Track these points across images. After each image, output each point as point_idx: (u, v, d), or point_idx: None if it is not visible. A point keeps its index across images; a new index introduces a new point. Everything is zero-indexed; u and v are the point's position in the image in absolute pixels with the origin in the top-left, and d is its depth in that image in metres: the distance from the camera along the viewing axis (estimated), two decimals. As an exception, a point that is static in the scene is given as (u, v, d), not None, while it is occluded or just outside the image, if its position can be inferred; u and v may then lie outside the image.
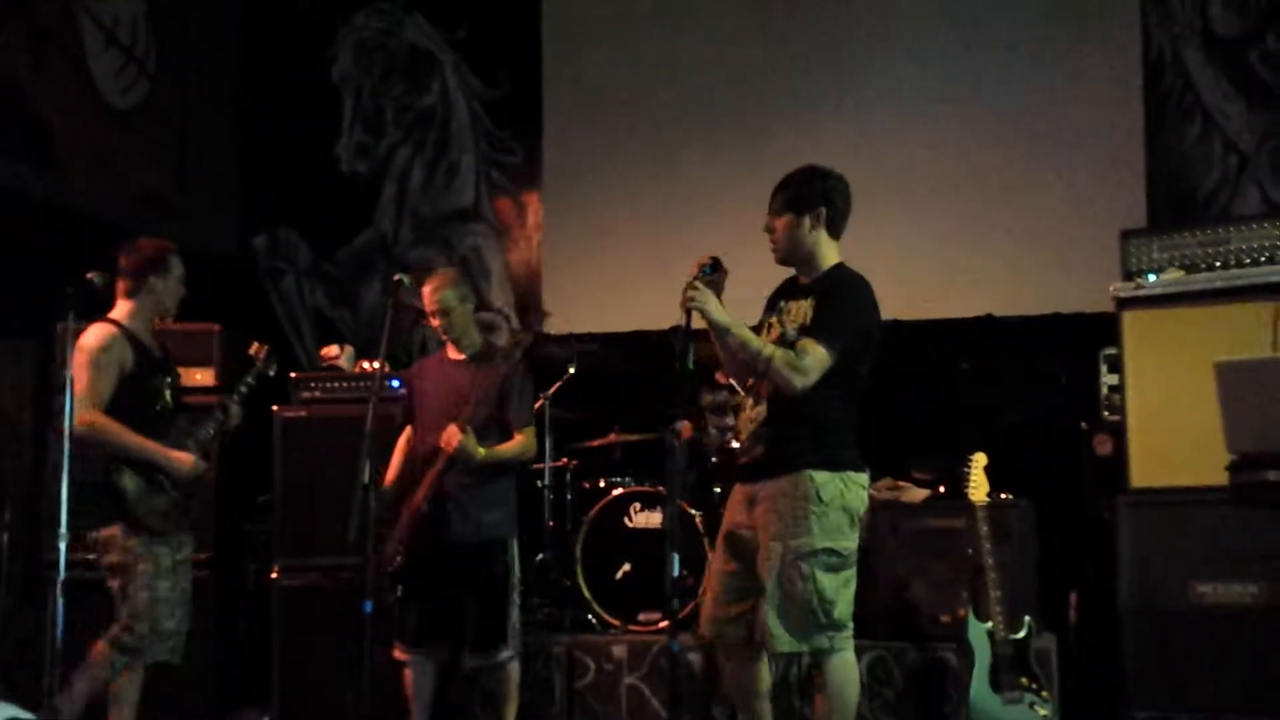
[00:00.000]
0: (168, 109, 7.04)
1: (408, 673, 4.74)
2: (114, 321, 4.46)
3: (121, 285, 4.50)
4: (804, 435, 3.78)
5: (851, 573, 3.81)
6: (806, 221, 3.91)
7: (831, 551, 3.74)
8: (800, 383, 3.72)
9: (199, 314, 5.09)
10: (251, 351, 4.71)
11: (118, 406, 4.36)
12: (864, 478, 3.87)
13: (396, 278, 4.53)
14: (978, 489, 4.72)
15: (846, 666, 3.82)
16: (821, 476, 3.74)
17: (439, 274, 4.89)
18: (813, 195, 3.92)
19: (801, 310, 3.89)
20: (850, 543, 3.79)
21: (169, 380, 4.55)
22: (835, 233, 3.96)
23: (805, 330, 3.81)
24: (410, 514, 4.64)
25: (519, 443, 4.76)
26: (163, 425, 4.45)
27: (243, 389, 4.62)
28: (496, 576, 4.70)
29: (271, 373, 4.74)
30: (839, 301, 3.83)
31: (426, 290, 4.78)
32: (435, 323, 4.82)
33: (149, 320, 4.54)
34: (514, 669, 4.80)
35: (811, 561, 3.72)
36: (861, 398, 3.90)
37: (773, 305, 4.09)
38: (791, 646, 3.79)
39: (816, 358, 3.72)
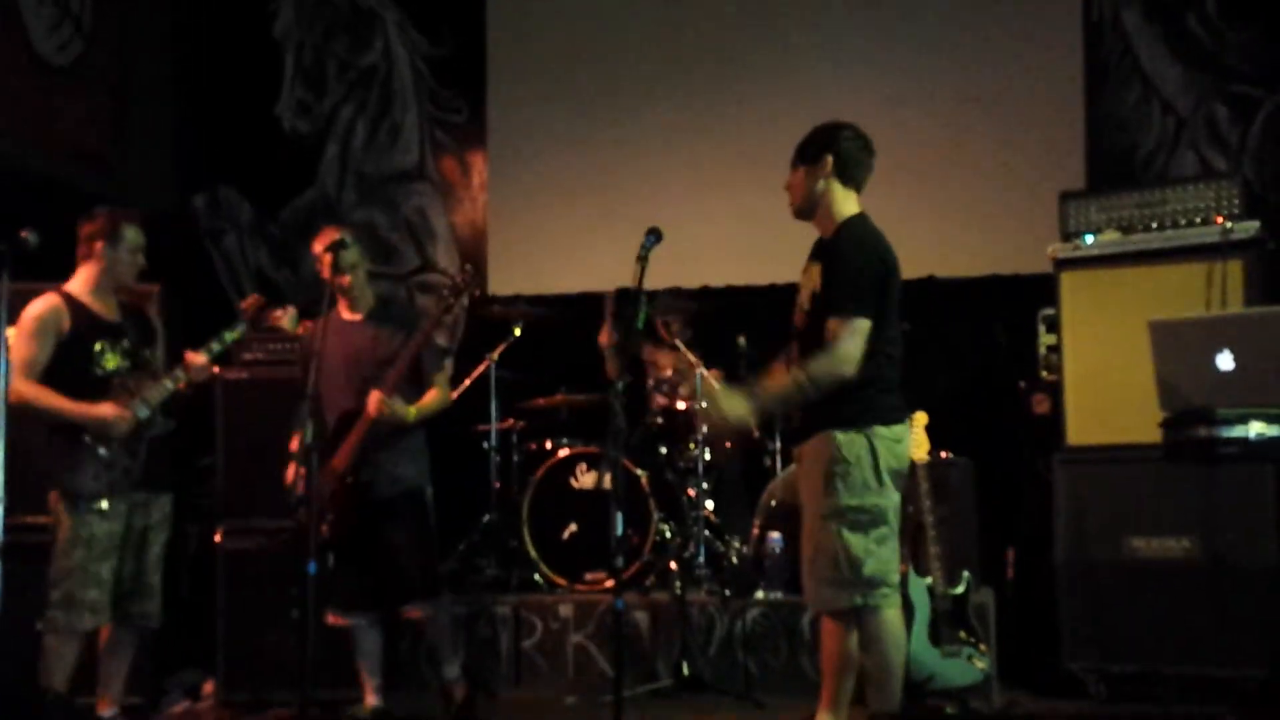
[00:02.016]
0: (105, 65, 6.90)
1: (354, 637, 4.74)
2: (60, 290, 4.52)
3: (78, 251, 4.56)
4: (830, 397, 3.71)
5: (885, 530, 3.73)
6: (815, 171, 3.88)
7: (859, 509, 3.70)
8: (849, 369, 3.67)
9: (138, 274, 5.02)
10: (244, 305, 4.73)
11: (54, 372, 4.40)
12: (896, 430, 3.78)
13: (338, 238, 4.49)
14: (918, 448, 4.79)
15: (884, 624, 3.73)
16: (843, 436, 3.72)
17: (332, 231, 4.74)
18: (818, 145, 3.90)
19: (813, 276, 3.87)
20: (880, 499, 3.72)
21: (122, 343, 4.54)
22: (849, 181, 3.90)
23: (824, 306, 3.76)
24: (336, 481, 4.59)
25: (436, 393, 4.75)
26: (104, 388, 4.44)
27: (214, 345, 4.58)
28: (419, 527, 4.71)
29: (260, 326, 4.73)
30: (842, 265, 3.77)
31: (320, 249, 4.66)
32: (345, 280, 4.69)
33: (105, 287, 4.56)
34: (449, 619, 4.81)
35: (838, 521, 3.70)
36: (893, 349, 3.81)
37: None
38: (825, 605, 3.77)
39: (846, 335, 3.67)
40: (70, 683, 4.41)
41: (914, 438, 4.80)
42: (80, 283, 4.55)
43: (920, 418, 4.83)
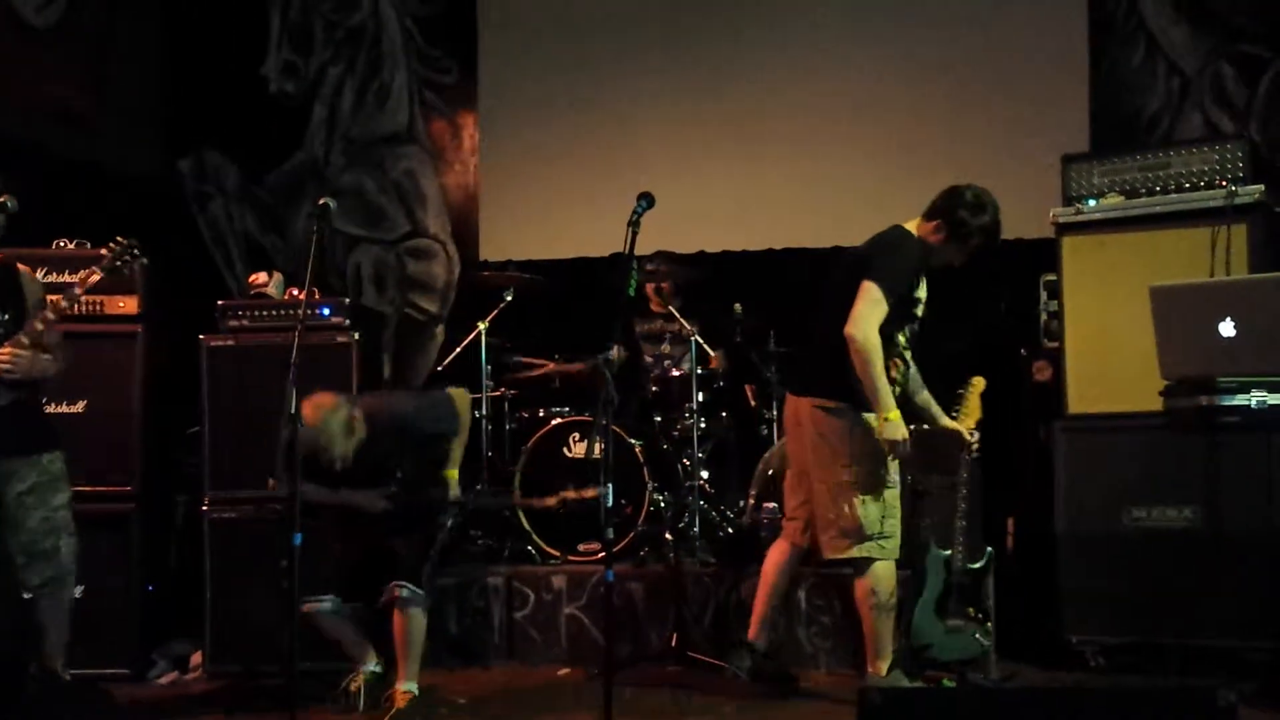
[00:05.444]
0: (87, 27, 6.76)
1: (321, 622, 4.52)
2: None
3: None
4: None
5: None
6: None
7: None
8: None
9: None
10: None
11: None
12: None
13: (322, 202, 4.36)
14: (969, 416, 4.59)
15: None
16: None
17: (311, 415, 4.32)
18: None
19: None
20: None
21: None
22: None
23: None
24: None
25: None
26: None
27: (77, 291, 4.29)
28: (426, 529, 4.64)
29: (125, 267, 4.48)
30: None
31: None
32: None
33: None
34: (418, 617, 4.48)
35: None
36: None
37: None
38: None
39: None
40: None
41: (968, 404, 4.62)
42: None
43: (978, 383, 4.60)
